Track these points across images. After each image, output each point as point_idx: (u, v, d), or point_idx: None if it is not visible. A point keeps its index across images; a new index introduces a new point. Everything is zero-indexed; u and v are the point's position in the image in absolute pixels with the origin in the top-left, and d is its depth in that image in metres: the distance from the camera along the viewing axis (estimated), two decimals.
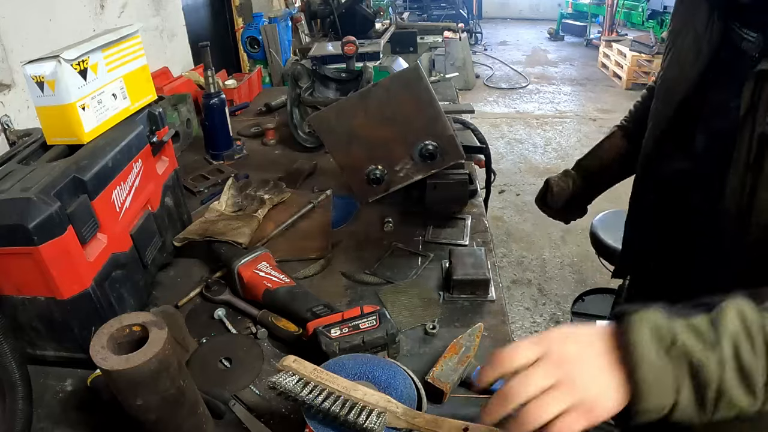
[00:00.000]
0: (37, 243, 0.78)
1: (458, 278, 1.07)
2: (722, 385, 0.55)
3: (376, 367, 0.77)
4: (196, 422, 0.76)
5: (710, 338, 0.56)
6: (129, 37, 1.04)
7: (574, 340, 0.59)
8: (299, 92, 1.77)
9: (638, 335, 0.56)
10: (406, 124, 1.22)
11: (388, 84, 1.20)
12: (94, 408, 0.86)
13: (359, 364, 0.77)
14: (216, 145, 1.74)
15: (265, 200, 1.38)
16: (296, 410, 0.85)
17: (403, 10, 6.50)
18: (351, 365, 0.77)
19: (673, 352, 0.55)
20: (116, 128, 1.02)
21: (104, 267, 0.92)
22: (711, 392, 0.55)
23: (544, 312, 2.75)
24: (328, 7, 3.08)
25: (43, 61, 0.87)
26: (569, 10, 8.74)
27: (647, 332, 0.56)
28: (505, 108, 5.88)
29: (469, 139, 1.66)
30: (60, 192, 0.83)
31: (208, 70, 1.65)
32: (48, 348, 0.93)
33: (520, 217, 3.67)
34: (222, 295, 1.10)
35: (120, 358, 0.65)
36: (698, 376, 0.55)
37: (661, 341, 0.56)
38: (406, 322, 1.02)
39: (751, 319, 0.56)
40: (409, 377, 0.76)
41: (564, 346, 0.58)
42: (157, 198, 1.14)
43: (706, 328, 0.57)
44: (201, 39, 1.78)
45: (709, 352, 0.55)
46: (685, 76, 0.86)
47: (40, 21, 1.62)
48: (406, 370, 0.77)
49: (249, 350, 0.97)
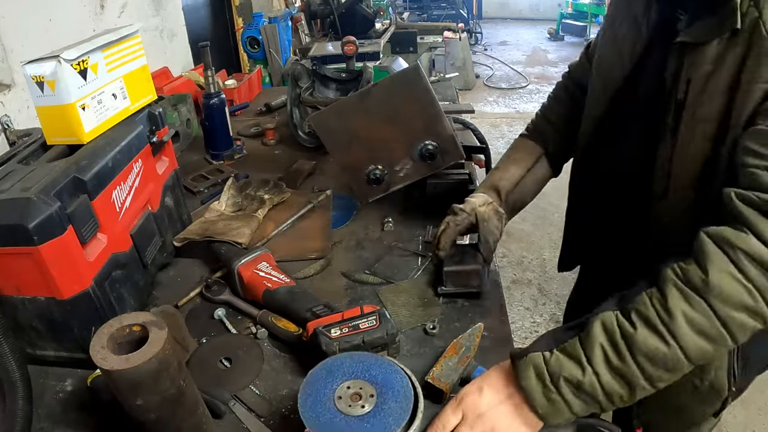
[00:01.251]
0: (37, 243, 0.78)
1: (449, 269, 1.06)
2: (606, 389, 0.70)
3: (373, 365, 0.77)
4: (196, 422, 0.76)
5: (583, 358, 0.70)
6: (129, 37, 1.04)
7: (485, 395, 0.74)
8: (299, 92, 1.77)
9: (526, 380, 0.72)
10: (406, 124, 1.22)
11: (388, 84, 1.20)
12: (94, 408, 0.86)
13: (356, 363, 0.77)
14: (216, 145, 1.74)
15: (265, 200, 1.38)
16: (296, 410, 0.85)
17: (403, 10, 6.50)
18: (348, 364, 0.77)
19: (556, 384, 0.70)
20: (116, 128, 1.02)
21: (104, 267, 0.92)
22: (600, 397, 0.70)
23: (544, 312, 2.75)
24: (328, 7, 3.08)
25: (43, 61, 0.87)
26: (569, 10, 8.74)
27: (532, 375, 0.72)
28: (505, 108, 5.88)
29: (469, 139, 1.66)
30: (60, 192, 0.83)
31: (208, 70, 1.65)
32: (48, 348, 0.93)
33: (519, 217, 3.66)
34: (222, 295, 1.10)
35: (120, 358, 0.65)
36: (584, 391, 0.70)
37: (545, 380, 0.71)
38: (406, 322, 1.02)
39: (612, 330, 0.70)
40: (406, 377, 0.76)
41: (479, 404, 0.74)
42: (157, 198, 1.14)
43: (578, 350, 0.71)
44: (201, 39, 1.78)
45: (584, 369, 0.70)
46: (622, 61, 0.90)
47: (40, 21, 1.62)
48: (404, 369, 0.77)
49: (249, 350, 0.97)
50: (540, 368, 0.72)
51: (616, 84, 0.92)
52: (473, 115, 1.83)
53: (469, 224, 1.06)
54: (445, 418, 0.74)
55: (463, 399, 0.75)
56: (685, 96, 0.76)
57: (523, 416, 0.73)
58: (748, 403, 2.12)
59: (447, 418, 0.74)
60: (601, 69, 0.97)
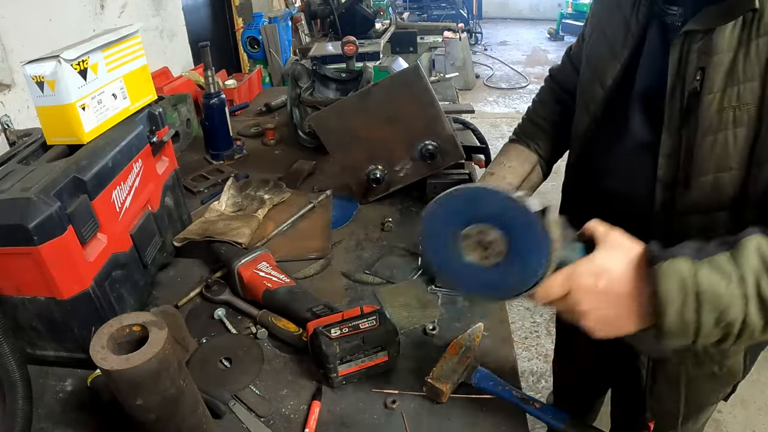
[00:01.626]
0: (37, 243, 0.78)
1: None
2: (747, 319, 0.59)
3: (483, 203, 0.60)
4: (196, 422, 0.76)
5: (734, 276, 0.59)
6: (129, 37, 1.04)
7: (601, 281, 0.63)
8: (299, 92, 1.77)
9: (666, 288, 0.60)
10: (406, 124, 1.22)
11: (388, 84, 1.20)
12: (94, 408, 0.86)
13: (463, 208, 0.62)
14: (216, 145, 1.74)
15: (265, 200, 1.38)
16: (296, 410, 0.86)
17: (403, 10, 6.50)
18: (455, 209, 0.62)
19: (699, 304, 0.59)
20: (116, 128, 1.02)
21: (104, 267, 0.92)
22: (735, 327, 0.60)
23: (544, 312, 2.75)
24: (328, 7, 3.08)
25: (43, 61, 0.87)
26: (569, 10, 8.73)
27: (674, 286, 0.60)
28: (505, 108, 5.88)
29: (469, 139, 1.66)
30: (60, 192, 0.83)
31: (208, 70, 1.65)
32: (48, 348, 0.93)
33: None
34: (222, 295, 1.10)
35: (120, 358, 0.65)
36: (723, 315, 0.59)
37: (686, 294, 0.60)
38: (404, 323, 1.02)
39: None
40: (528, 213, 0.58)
41: (591, 288, 0.63)
42: (157, 198, 1.14)
43: (728, 266, 0.60)
44: (201, 39, 1.78)
45: (734, 289, 0.59)
46: (616, 58, 0.91)
47: (40, 21, 1.62)
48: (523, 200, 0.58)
49: (249, 350, 0.97)
50: (685, 281, 0.60)
51: (611, 83, 0.92)
52: (473, 115, 1.83)
53: None
54: (550, 288, 0.65)
55: (574, 278, 0.64)
56: (700, 85, 0.75)
57: (637, 316, 0.64)
58: (748, 403, 2.11)
59: (552, 289, 0.65)
60: (593, 69, 0.97)
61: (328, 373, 0.87)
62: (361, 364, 0.89)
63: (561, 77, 1.16)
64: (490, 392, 0.86)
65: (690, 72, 0.77)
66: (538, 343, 2.54)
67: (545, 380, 2.34)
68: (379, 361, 0.90)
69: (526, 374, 2.37)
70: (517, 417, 0.84)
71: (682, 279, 0.60)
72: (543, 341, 2.55)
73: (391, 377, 0.91)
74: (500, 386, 0.86)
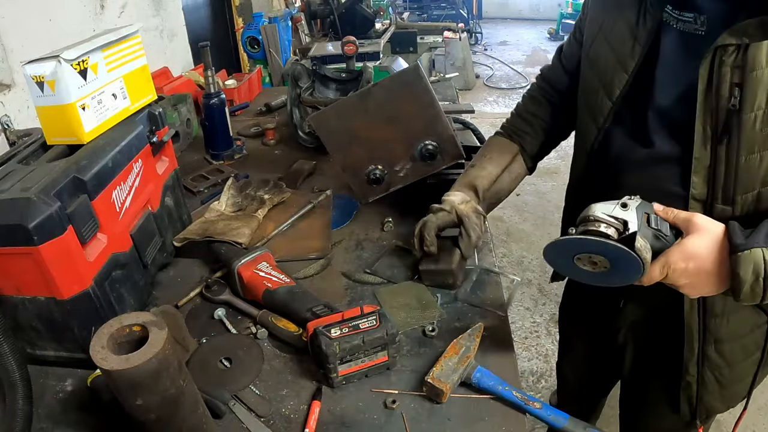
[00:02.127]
0: (37, 243, 0.78)
1: (425, 268, 1.09)
2: None
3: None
4: (196, 422, 0.76)
5: None
6: (129, 37, 1.04)
7: (691, 263, 0.75)
8: (299, 92, 1.77)
9: (742, 272, 0.71)
10: (406, 124, 1.22)
11: (388, 84, 1.20)
12: (94, 408, 0.86)
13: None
14: (216, 145, 1.74)
15: (265, 200, 1.38)
16: (296, 410, 0.86)
17: (403, 10, 6.49)
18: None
19: (765, 281, 0.71)
20: (116, 128, 1.02)
21: (104, 267, 0.92)
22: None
23: (545, 312, 2.75)
24: (328, 7, 3.08)
25: (43, 61, 0.87)
26: (569, 10, 8.73)
27: (749, 270, 0.71)
28: (505, 108, 5.87)
29: (469, 139, 1.66)
30: (60, 192, 0.83)
31: (208, 70, 1.65)
32: (48, 348, 0.93)
33: (520, 217, 3.67)
34: (222, 295, 1.10)
35: (120, 358, 0.65)
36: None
37: (758, 276, 0.71)
38: (403, 324, 1.01)
39: None
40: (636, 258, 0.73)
41: (685, 271, 0.75)
42: (157, 198, 1.14)
43: None
44: (201, 39, 1.78)
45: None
46: (624, 69, 0.89)
47: (40, 21, 1.62)
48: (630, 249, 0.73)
49: (249, 350, 0.97)
50: (759, 267, 0.71)
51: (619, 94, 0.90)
52: (473, 115, 1.83)
53: (450, 221, 1.07)
54: (651, 276, 0.77)
55: (669, 264, 0.75)
56: (739, 102, 0.73)
57: (720, 286, 0.76)
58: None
59: (653, 276, 0.77)
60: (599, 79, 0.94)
61: (328, 373, 0.87)
62: (361, 364, 0.89)
63: (552, 77, 1.15)
64: (490, 392, 0.86)
65: (724, 88, 0.74)
66: (538, 343, 2.54)
67: (545, 380, 2.34)
68: (379, 361, 0.90)
69: (526, 374, 2.37)
70: (517, 417, 0.84)
71: (756, 265, 0.71)
72: (543, 341, 2.55)
73: (391, 377, 0.91)
74: (500, 386, 0.86)
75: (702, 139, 0.78)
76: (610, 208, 0.76)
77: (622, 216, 0.75)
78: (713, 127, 0.77)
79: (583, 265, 0.77)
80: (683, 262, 0.74)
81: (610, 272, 0.76)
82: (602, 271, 0.77)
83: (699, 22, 0.78)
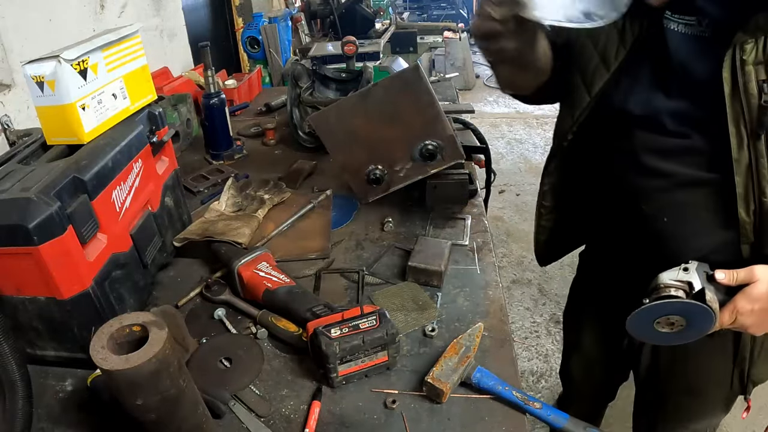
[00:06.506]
0: (37, 243, 0.78)
1: (412, 265, 1.11)
2: None
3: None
4: (196, 422, 0.76)
5: None
6: (129, 37, 1.04)
7: (755, 306, 0.83)
8: (299, 92, 1.77)
9: None
10: (406, 124, 1.22)
11: (388, 84, 1.20)
12: (94, 408, 0.86)
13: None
14: (216, 145, 1.74)
15: (265, 200, 1.38)
16: (296, 410, 0.86)
17: (403, 10, 6.50)
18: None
19: None
20: (116, 128, 1.02)
21: (104, 267, 0.92)
22: None
23: (544, 312, 2.75)
24: (328, 7, 3.08)
25: (43, 61, 0.87)
26: None
27: None
28: (505, 108, 5.87)
29: (469, 139, 1.66)
30: (60, 192, 0.83)
31: (208, 70, 1.65)
32: (48, 348, 0.93)
33: (520, 217, 3.67)
34: (222, 295, 1.10)
35: (120, 358, 0.65)
36: None
37: None
38: (402, 326, 1.01)
39: None
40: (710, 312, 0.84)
41: (751, 314, 0.84)
42: (157, 198, 1.14)
43: None
44: (201, 39, 1.77)
45: None
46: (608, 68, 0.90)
47: (40, 21, 1.62)
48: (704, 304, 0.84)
49: (249, 350, 0.97)
50: None
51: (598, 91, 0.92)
52: (473, 115, 1.83)
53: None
54: (722, 322, 0.85)
55: (738, 309, 0.84)
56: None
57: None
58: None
59: (724, 322, 0.85)
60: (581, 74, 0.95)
61: (328, 373, 0.87)
62: (361, 364, 0.89)
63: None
64: (490, 392, 0.86)
65: (752, 87, 0.74)
66: (538, 343, 2.54)
67: (545, 380, 2.34)
68: (379, 361, 0.90)
69: (526, 374, 2.37)
70: (517, 417, 0.84)
71: None
72: (543, 341, 2.55)
73: (391, 377, 0.91)
74: (500, 386, 0.86)
75: (738, 141, 0.78)
76: (674, 274, 0.86)
77: (686, 278, 0.85)
78: (747, 126, 0.77)
79: (662, 327, 0.87)
80: (749, 305, 0.83)
81: (686, 328, 0.86)
82: (679, 330, 0.87)
83: (704, 24, 0.78)
